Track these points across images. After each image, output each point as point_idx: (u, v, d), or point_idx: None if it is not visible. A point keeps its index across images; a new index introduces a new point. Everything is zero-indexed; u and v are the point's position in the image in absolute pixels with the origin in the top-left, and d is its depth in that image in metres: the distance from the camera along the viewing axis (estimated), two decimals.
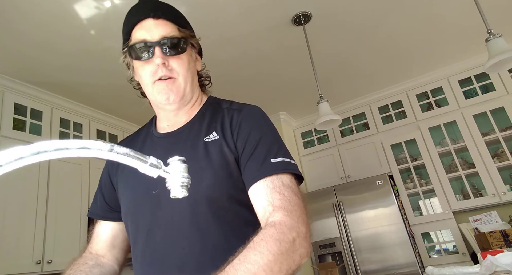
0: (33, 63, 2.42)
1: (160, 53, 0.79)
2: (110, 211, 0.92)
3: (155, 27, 0.81)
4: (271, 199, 0.71)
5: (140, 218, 0.81)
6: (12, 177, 2.34)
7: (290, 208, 0.69)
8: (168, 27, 0.82)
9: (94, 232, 0.94)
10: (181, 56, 0.83)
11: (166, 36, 0.81)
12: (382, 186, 3.29)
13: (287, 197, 0.71)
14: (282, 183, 0.73)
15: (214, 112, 0.88)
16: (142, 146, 0.92)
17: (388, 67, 3.30)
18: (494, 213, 2.91)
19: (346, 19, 2.49)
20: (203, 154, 0.79)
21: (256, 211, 0.74)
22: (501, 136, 3.08)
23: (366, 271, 3.17)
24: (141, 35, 0.81)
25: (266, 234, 0.64)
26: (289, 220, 0.67)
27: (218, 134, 0.82)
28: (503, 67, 1.96)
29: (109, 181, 0.94)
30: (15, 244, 2.28)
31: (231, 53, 2.70)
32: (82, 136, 3.03)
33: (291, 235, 0.65)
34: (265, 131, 0.81)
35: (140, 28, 0.82)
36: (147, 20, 0.82)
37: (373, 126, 3.74)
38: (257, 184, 0.74)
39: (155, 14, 0.81)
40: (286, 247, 0.63)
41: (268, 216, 0.69)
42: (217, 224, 0.75)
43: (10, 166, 0.34)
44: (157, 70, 0.80)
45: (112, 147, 0.42)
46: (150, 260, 0.77)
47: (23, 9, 1.95)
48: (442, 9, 2.55)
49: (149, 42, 0.80)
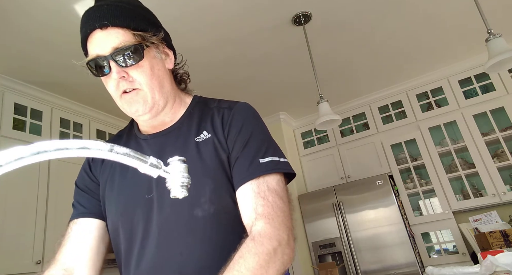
0: (33, 63, 2.42)
1: (116, 67, 0.73)
2: (99, 206, 0.85)
3: (105, 39, 0.74)
4: (255, 205, 0.70)
5: (134, 222, 0.77)
6: (12, 177, 2.34)
7: (273, 214, 0.69)
8: (119, 35, 0.74)
9: (73, 234, 0.82)
10: (140, 63, 0.75)
11: (117, 47, 0.73)
12: (382, 186, 3.29)
13: (270, 202, 0.70)
14: (267, 187, 0.72)
15: (202, 112, 0.85)
16: None
17: (388, 67, 3.29)
18: (494, 213, 2.91)
19: (346, 19, 2.49)
20: (195, 155, 0.77)
21: (242, 215, 0.73)
22: (501, 136, 3.08)
23: (366, 271, 3.17)
24: (93, 50, 0.75)
25: (244, 249, 0.64)
26: (269, 228, 0.67)
27: (209, 133, 0.80)
28: (503, 67, 1.96)
29: (93, 178, 0.88)
30: (15, 244, 2.28)
31: (231, 53, 2.70)
32: (82, 136, 3.03)
33: (271, 245, 0.65)
34: (254, 129, 0.79)
35: (90, 42, 0.76)
36: (95, 33, 0.74)
37: (373, 126, 3.74)
38: (243, 187, 0.73)
39: (100, 24, 0.73)
40: (265, 259, 0.63)
41: (251, 224, 0.69)
42: (214, 227, 0.74)
43: (10, 166, 0.34)
44: (118, 84, 0.76)
45: (112, 147, 0.42)
46: (145, 267, 0.74)
47: (24, 8, 1.95)
48: (442, 9, 2.55)
49: (102, 57, 0.74)
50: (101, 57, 0.74)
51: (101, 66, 0.75)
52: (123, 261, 0.80)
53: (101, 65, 0.75)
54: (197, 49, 2.54)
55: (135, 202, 0.78)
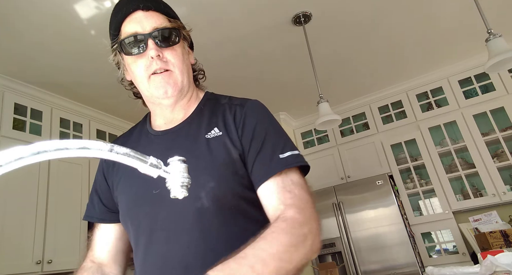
0: (33, 63, 2.42)
1: (153, 45, 0.76)
2: (108, 212, 0.89)
3: (146, 19, 0.78)
4: (282, 198, 0.70)
5: (141, 218, 0.78)
6: (12, 177, 2.34)
7: (302, 206, 0.69)
8: (160, 18, 0.79)
9: (95, 237, 0.90)
10: (175, 47, 0.80)
11: (158, 28, 0.77)
12: (382, 186, 3.29)
13: (298, 195, 0.71)
14: (291, 181, 0.73)
15: (213, 108, 0.85)
16: (137, 145, 0.88)
17: (388, 67, 3.30)
18: (494, 213, 2.91)
19: (346, 19, 2.49)
20: (205, 151, 0.77)
21: (266, 209, 0.73)
22: (501, 136, 3.08)
23: (366, 271, 3.17)
24: (131, 28, 0.78)
25: (277, 227, 0.64)
26: (301, 217, 0.67)
27: (220, 130, 0.79)
28: (503, 67, 1.96)
29: (105, 181, 0.90)
30: (15, 244, 2.28)
31: (231, 53, 2.70)
32: (82, 136, 3.03)
33: (302, 230, 0.65)
34: (269, 126, 0.80)
35: (129, 21, 0.79)
36: (137, 13, 0.78)
37: (373, 126, 3.74)
38: (267, 183, 0.73)
39: (144, 6, 0.78)
40: (297, 240, 0.63)
41: (280, 213, 0.69)
42: (222, 223, 0.73)
43: (10, 166, 0.34)
44: (151, 64, 0.77)
45: (112, 147, 0.42)
46: (153, 260, 0.75)
47: (23, 9, 1.95)
48: (442, 9, 2.55)
49: (141, 35, 0.77)
50: (139, 35, 0.77)
51: (137, 44, 0.78)
52: (134, 255, 0.82)
53: (139, 42, 0.77)
54: (197, 48, 2.52)
55: (143, 197, 0.79)
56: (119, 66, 0.87)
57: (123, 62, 0.84)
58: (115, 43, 0.82)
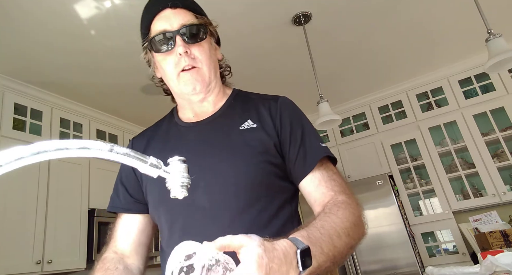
0: (34, 63, 2.42)
1: (181, 42, 0.79)
2: (135, 203, 0.88)
3: (174, 17, 0.81)
4: (330, 185, 0.76)
5: (175, 206, 0.77)
6: (12, 177, 2.34)
7: (348, 192, 0.76)
8: (187, 15, 0.82)
9: (118, 228, 0.88)
10: (202, 43, 0.83)
11: (185, 24, 0.80)
12: (382, 186, 3.29)
13: (341, 183, 0.78)
14: (332, 171, 0.80)
15: (244, 102, 0.89)
16: (166, 136, 0.89)
17: (388, 67, 3.29)
18: (494, 213, 2.91)
19: (346, 19, 2.49)
20: (240, 142, 0.80)
21: (314, 197, 0.77)
22: (501, 136, 3.08)
23: (366, 271, 3.17)
24: (160, 26, 0.81)
25: (339, 207, 0.69)
26: (352, 202, 0.73)
27: (254, 122, 0.82)
28: (503, 67, 1.96)
29: (133, 172, 0.89)
30: (15, 244, 2.28)
31: (231, 52, 2.66)
32: (82, 136, 3.03)
33: (359, 212, 0.72)
34: (304, 120, 0.85)
35: (159, 19, 0.82)
36: (165, 11, 0.82)
37: (373, 126, 3.74)
38: (313, 173, 0.77)
39: (172, 4, 0.81)
40: (357, 220, 0.70)
41: (330, 199, 0.74)
42: (257, 208, 0.75)
43: (10, 166, 0.34)
44: (180, 60, 0.80)
45: (112, 147, 0.42)
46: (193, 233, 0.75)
47: (24, 8, 1.95)
48: (442, 9, 2.55)
49: (169, 32, 0.80)
50: (167, 32, 0.80)
51: (166, 41, 0.80)
52: (166, 242, 0.81)
53: (167, 39, 0.80)
54: None
55: None
56: (149, 64, 0.90)
57: (153, 59, 0.87)
58: (146, 41, 0.85)
